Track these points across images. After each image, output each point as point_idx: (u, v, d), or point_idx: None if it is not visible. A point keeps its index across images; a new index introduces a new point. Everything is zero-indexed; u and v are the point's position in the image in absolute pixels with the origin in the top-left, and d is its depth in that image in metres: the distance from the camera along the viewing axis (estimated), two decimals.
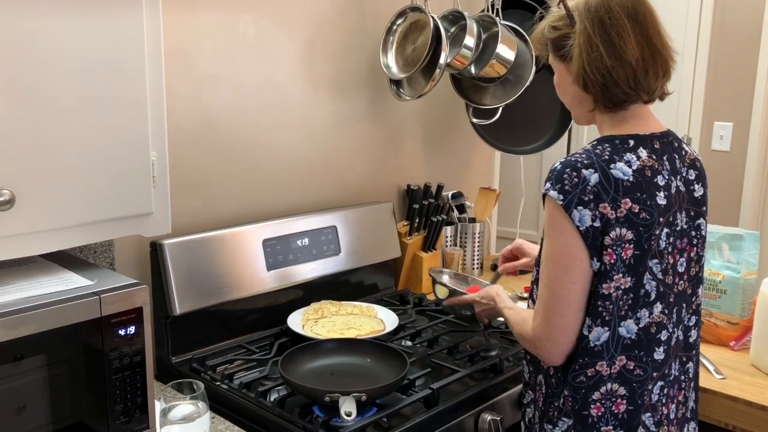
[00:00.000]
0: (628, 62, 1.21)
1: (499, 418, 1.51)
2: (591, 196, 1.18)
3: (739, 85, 3.52)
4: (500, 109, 2.24)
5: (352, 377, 1.54)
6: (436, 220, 2.23)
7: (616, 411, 1.25)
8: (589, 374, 1.24)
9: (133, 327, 1.16)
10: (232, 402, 1.48)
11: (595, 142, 1.26)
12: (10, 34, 1.03)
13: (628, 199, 1.19)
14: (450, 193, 2.40)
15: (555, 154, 3.29)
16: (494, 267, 2.50)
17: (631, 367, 1.25)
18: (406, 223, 2.23)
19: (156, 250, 1.61)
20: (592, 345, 1.23)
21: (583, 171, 1.19)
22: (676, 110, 3.67)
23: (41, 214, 1.10)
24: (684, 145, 1.33)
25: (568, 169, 1.20)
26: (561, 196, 1.19)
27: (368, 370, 1.57)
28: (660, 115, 1.33)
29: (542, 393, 1.35)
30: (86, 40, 1.12)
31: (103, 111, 1.16)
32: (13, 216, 1.06)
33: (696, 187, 1.32)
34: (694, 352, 1.36)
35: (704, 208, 1.34)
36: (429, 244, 2.24)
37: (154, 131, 1.24)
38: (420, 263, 2.20)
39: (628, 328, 1.23)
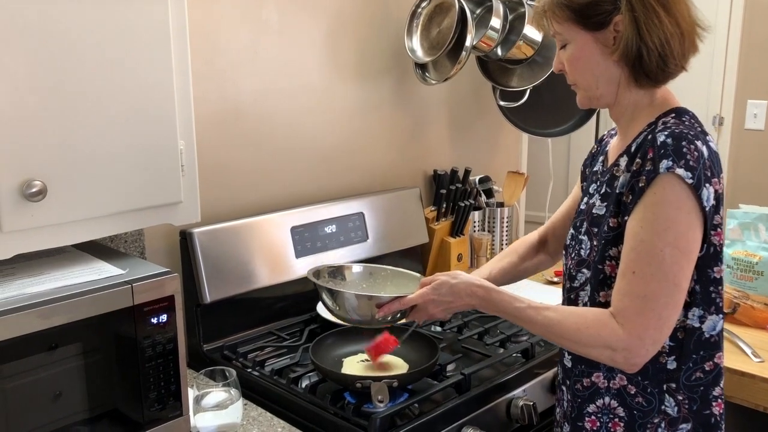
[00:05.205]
0: (685, 30, 1.11)
1: (531, 404, 1.50)
2: (709, 172, 1.05)
3: None
4: (528, 91, 2.20)
5: (383, 363, 1.54)
6: (463, 205, 2.21)
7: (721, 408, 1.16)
8: (707, 368, 1.13)
9: (165, 315, 1.17)
10: (264, 389, 1.49)
11: (673, 114, 1.13)
12: (36, 26, 1.04)
13: (723, 175, 1.10)
14: (477, 178, 2.38)
15: (583, 137, 3.25)
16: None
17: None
18: (433, 209, 2.22)
19: (186, 238, 1.62)
20: (707, 336, 1.12)
21: (697, 143, 1.05)
22: (708, 89, 3.57)
23: (72, 204, 1.11)
24: None
25: (684, 142, 1.04)
26: (689, 174, 1.03)
27: (399, 356, 1.56)
28: (691, 94, 1.29)
29: (621, 419, 1.17)
30: (112, 29, 1.12)
31: (131, 101, 1.16)
32: (45, 207, 1.07)
33: None
34: None
35: None
36: (457, 230, 2.23)
37: (181, 120, 1.24)
38: (448, 249, 2.19)
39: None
